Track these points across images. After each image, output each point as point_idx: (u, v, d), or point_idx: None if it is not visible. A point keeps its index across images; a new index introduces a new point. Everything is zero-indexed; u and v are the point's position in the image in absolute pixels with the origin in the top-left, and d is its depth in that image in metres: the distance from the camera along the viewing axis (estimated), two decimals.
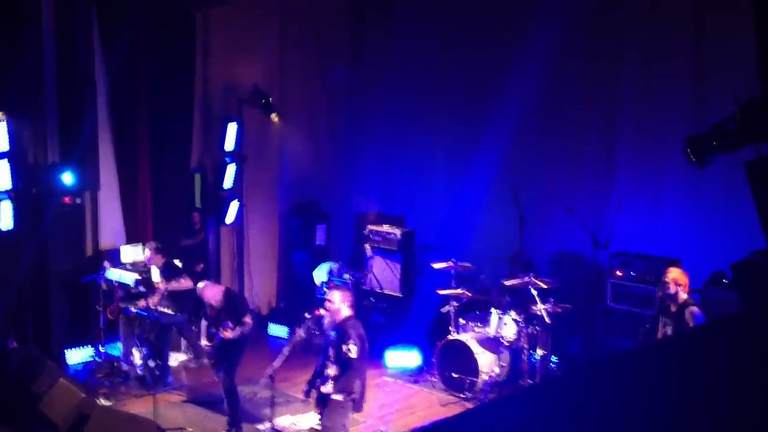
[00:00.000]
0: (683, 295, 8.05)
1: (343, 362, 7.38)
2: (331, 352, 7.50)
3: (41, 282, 10.51)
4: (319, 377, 7.55)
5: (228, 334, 8.84)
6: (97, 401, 8.66)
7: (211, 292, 9.11)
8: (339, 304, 7.54)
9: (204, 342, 9.23)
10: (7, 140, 9.74)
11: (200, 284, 9.39)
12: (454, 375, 10.05)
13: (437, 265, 10.82)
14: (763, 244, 7.97)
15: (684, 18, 10.17)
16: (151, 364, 10.13)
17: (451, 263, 10.68)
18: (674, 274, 8.13)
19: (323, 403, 7.50)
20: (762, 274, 6.92)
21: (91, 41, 10.82)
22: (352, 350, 7.33)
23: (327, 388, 7.40)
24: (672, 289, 8.02)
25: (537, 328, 9.98)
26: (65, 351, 10.57)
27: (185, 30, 12.02)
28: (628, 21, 10.67)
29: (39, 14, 10.23)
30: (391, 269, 11.97)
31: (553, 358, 10.30)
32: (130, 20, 11.06)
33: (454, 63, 12.38)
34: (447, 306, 10.59)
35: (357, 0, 13.39)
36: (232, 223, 12.48)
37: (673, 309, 8.08)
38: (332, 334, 7.57)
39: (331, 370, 7.41)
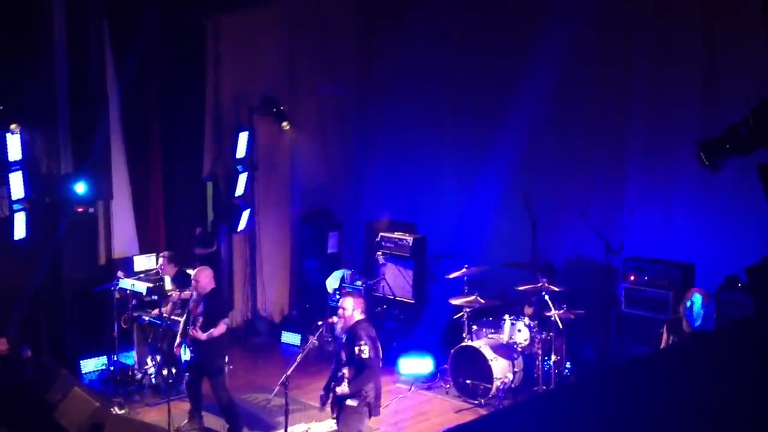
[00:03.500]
0: None
1: (357, 363, 7.41)
2: (343, 355, 7.54)
3: (55, 291, 10.56)
4: (334, 381, 7.57)
5: (198, 333, 8.73)
6: (112, 410, 8.68)
7: (207, 278, 8.95)
8: (352, 311, 7.56)
9: (177, 339, 9.14)
10: (21, 151, 9.80)
11: (199, 268, 9.21)
12: (467, 381, 10.03)
13: (452, 275, 10.78)
14: None
15: (694, 22, 10.14)
16: (165, 372, 10.16)
17: (464, 270, 10.65)
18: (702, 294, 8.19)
19: (339, 405, 7.51)
20: None
21: (103, 52, 10.88)
22: (365, 350, 7.36)
23: (342, 388, 7.42)
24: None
25: (550, 333, 9.96)
26: (80, 360, 10.60)
27: (196, 40, 12.05)
28: (638, 27, 10.65)
29: (51, 26, 10.29)
30: (403, 276, 11.96)
31: (567, 364, 10.26)
32: (142, 31, 11.10)
33: (465, 70, 12.38)
34: (460, 313, 10.58)
35: (367, 8, 13.41)
36: (244, 231, 12.50)
37: (686, 329, 8.09)
38: (344, 337, 7.59)
39: (345, 371, 7.44)
